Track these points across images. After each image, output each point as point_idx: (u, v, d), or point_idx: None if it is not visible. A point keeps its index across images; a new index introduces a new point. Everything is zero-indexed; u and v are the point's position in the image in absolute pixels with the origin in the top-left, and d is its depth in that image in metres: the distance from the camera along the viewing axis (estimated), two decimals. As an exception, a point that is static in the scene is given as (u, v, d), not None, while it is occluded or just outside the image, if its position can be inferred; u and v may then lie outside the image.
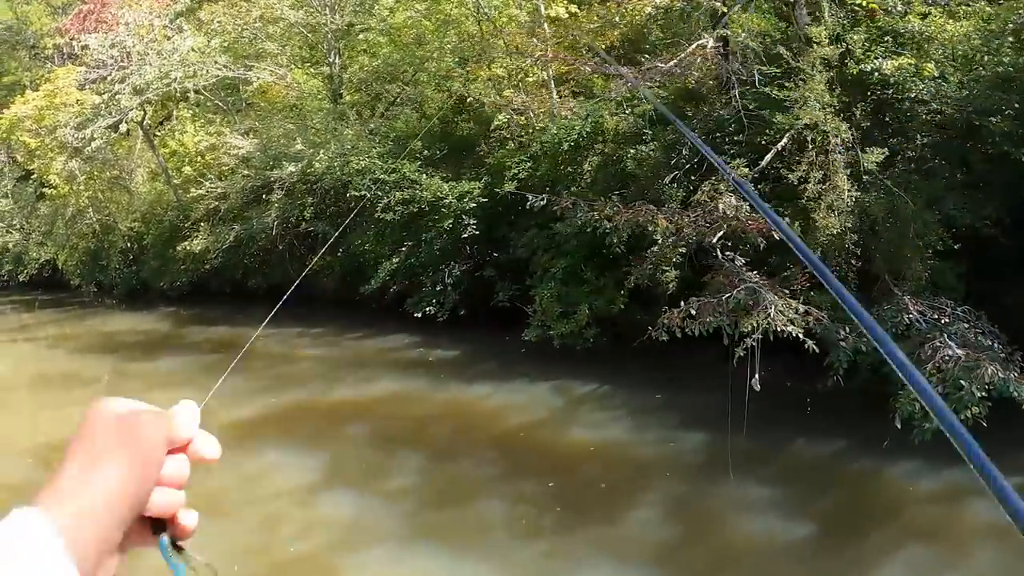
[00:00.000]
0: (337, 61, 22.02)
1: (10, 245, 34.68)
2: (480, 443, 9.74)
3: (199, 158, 26.17)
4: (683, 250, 10.36)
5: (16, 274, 34.15)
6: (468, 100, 19.05)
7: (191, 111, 29.25)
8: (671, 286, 12.63)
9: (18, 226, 34.87)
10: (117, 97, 20.69)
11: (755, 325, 7.44)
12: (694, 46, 12.49)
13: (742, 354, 7.67)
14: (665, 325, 7.96)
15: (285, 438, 10.57)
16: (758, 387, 7.68)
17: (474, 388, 11.93)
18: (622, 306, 11.39)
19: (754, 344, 7.55)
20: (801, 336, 7.73)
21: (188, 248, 21.23)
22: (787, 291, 8.11)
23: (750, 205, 10.25)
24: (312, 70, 22.94)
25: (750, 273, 8.35)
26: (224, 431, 11.32)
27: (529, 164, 15.99)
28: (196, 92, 29.70)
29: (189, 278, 24.33)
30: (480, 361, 13.88)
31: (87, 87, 22.55)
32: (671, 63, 11.56)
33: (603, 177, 14.02)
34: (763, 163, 12.01)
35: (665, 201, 12.44)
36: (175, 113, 30.77)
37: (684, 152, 13.29)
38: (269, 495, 8.53)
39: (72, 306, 28.93)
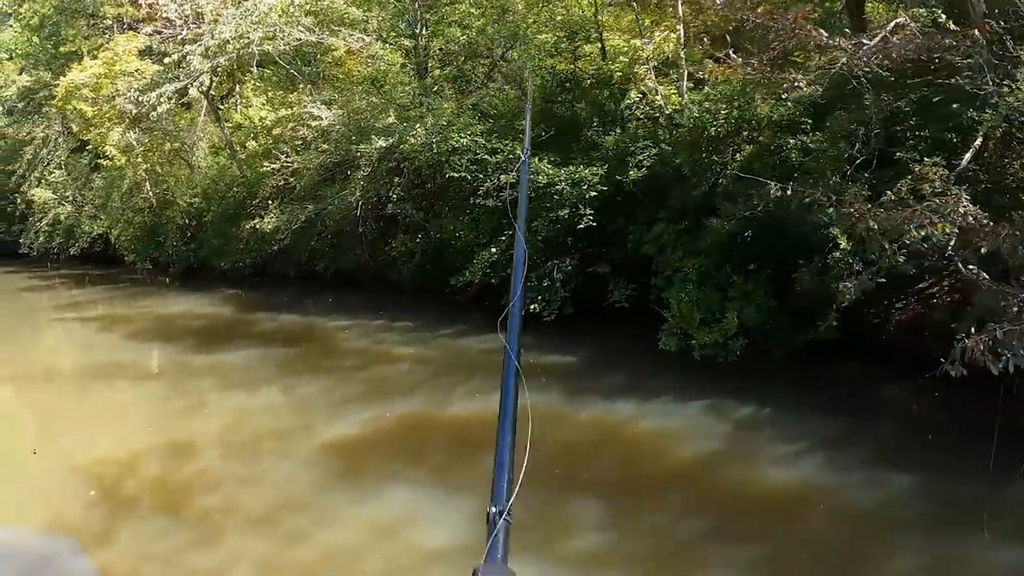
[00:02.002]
0: (424, 32, 20.22)
1: (62, 217, 33.53)
2: (659, 483, 7.86)
3: (265, 132, 24.59)
4: (902, 259, 8.40)
5: (67, 247, 32.94)
6: (570, 78, 17.19)
7: (256, 84, 27.73)
8: (848, 298, 10.78)
9: (71, 198, 33.71)
10: (188, 59, 18.99)
11: None
12: (892, 24, 10.55)
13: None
14: (964, 356, 5.97)
15: (412, 469, 8.63)
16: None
17: (617, 407, 10.05)
18: (833, 323, 9.45)
19: None
20: None
21: (259, 227, 19.54)
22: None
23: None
24: (395, 41, 21.19)
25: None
26: (330, 453, 9.07)
27: (656, 150, 14.12)
28: (261, 64, 28.37)
29: (252, 259, 22.73)
30: (606, 371, 12.01)
31: (155, 46, 20.87)
32: (876, 40, 9.59)
33: (760, 169, 12.09)
34: (963, 163, 10.11)
35: (849, 200, 10.59)
36: (237, 88, 29.34)
37: (857, 145, 11.39)
38: (418, 561, 6.55)
39: (124, 283, 27.53)
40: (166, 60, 19.42)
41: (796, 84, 8.55)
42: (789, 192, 7.90)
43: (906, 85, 11.35)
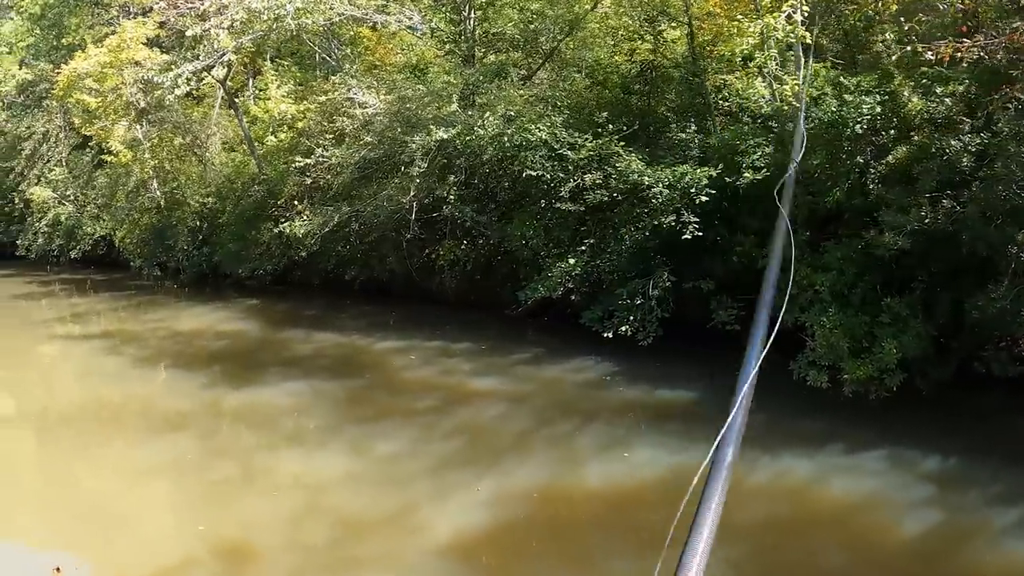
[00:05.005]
0: (472, 16, 18.12)
1: (62, 217, 31.31)
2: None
3: (288, 126, 22.45)
4: None
5: (68, 250, 30.70)
6: (651, 66, 15.13)
7: (275, 73, 25.60)
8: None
9: (72, 197, 31.50)
10: (211, 33, 16.74)
11: None
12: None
13: None
14: None
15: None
16: None
17: (785, 463, 7.90)
18: None
19: None
20: None
21: (288, 231, 17.31)
22: None
23: None
24: (438, 25, 19.13)
25: None
26: (458, 563, 6.37)
27: (771, 149, 12.12)
28: (278, 57, 26.20)
29: (274, 266, 20.54)
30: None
31: (171, 21, 18.63)
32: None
33: (921, 174, 10.09)
34: None
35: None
36: (251, 81, 27.23)
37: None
38: None
39: (130, 290, 25.29)
40: (188, 33, 17.13)
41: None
42: None
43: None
